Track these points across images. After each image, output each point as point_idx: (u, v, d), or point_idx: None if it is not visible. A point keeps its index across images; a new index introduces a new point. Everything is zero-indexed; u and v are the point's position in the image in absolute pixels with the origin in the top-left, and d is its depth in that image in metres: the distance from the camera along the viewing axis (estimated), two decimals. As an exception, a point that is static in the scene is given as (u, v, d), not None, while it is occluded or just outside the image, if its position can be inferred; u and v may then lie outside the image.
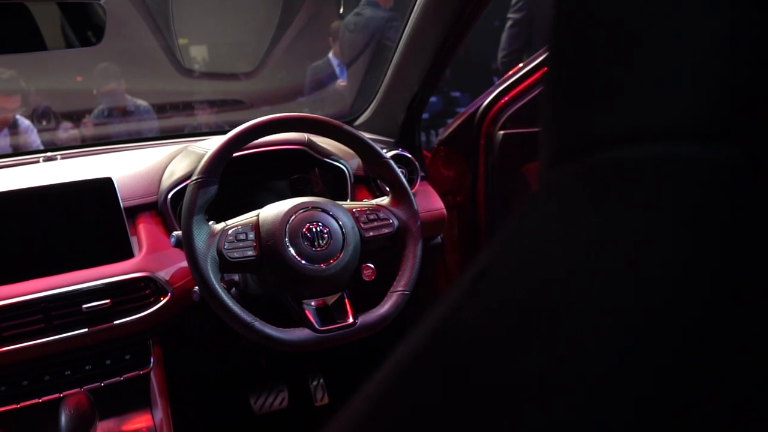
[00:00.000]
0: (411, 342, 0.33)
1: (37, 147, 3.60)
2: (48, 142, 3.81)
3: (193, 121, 4.36)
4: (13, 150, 3.53)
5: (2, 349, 1.23)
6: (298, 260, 1.22)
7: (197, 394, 1.80)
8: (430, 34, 1.49)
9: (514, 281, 0.28)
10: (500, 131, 1.80)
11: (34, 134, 3.61)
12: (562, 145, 0.32)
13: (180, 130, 4.37)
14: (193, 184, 1.22)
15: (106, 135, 3.99)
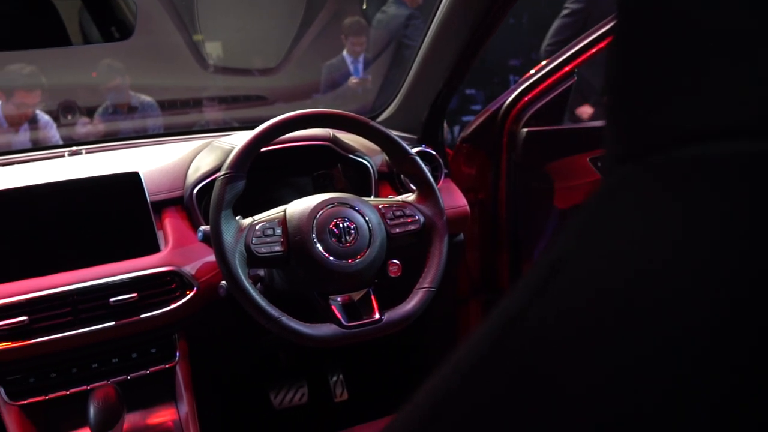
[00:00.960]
0: (478, 338, 0.33)
1: (56, 142, 3.62)
2: (66, 137, 3.83)
3: (215, 116, 4.37)
4: (33, 144, 3.56)
5: (31, 341, 1.24)
6: (325, 256, 1.22)
7: (218, 389, 1.81)
8: (457, 31, 1.49)
9: (594, 276, 0.28)
10: (524, 129, 1.79)
11: (53, 129, 3.64)
12: (638, 140, 0.32)
13: (203, 125, 4.38)
14: (221, 179, 1.22)
15: (116, 130, 4.00)
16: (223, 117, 4.38)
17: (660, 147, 0.30)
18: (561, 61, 1.77)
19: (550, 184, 1.85)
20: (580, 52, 1.74)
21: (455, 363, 0.33)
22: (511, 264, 1.95)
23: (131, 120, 4.04)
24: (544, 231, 1.92)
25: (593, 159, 1.80)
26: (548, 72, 1.78)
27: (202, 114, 4.36)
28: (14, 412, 1.27)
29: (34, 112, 3.55)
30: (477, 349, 0.31)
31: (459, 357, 0.33)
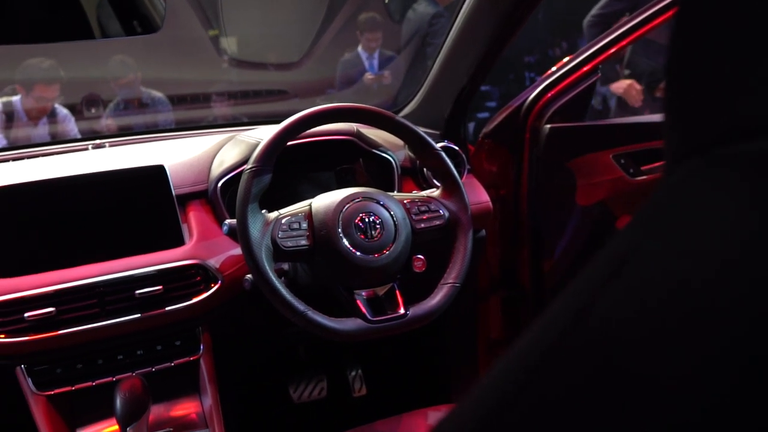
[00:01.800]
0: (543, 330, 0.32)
1: (75, 135, 3.65)
2: (88, 130, 3.85)
3: (236, 111, 4.38)
4: (52, 138, 3.58)
5: (58, 332, 1.25)
6: (351, 250, 1.22)
7: (238, 383, 1.82)
8: (483, 26, 1.48)
9: (667, 269, 0.28)
10: (546, 125, 1.78)
11: (72, 123, 3.66)
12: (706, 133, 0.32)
13: (226, 118, 4.39)
14: (247, 173, 1.23)
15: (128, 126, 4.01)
16: (245, 111, 4.39)
17: (729, 139, 0.29)
18: (585, 58, 1.76)
19: (572, 181, 1.84)
20: (604, 49, 1.73)
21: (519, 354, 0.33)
22: (531, 261, 1.94)
23: (142, 116, 4.05)
24: (566, 228, 1.91)
25: (616, 156, 1.79)
26: (571, 68, 1.77)
27: (223, 108, 4.37)
28: (41, 402, 1.28)
29: (52, 106, 3.58)
30: (544, 340, 0.31)
31: (522, 348, 0.33)
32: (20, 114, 3.56)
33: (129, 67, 4.00)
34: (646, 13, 1.68)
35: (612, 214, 1.85)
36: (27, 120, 3.55)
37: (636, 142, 1.78)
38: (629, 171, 1.79)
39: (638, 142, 1.78)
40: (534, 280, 1.96)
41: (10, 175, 1.42)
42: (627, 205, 1.83)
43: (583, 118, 1.83)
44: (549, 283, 1.94)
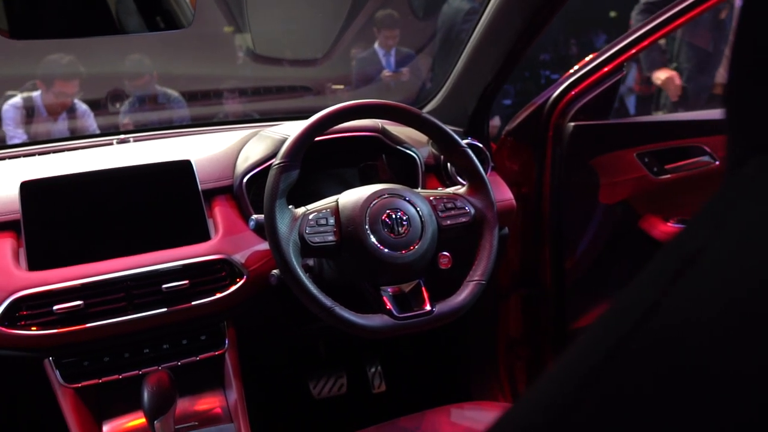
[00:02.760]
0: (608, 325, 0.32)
1: (94, 131, 3.67)
2: (107, 125, 3.87)
3: (259, 107, 4.39)
4: (72, 133, 3.60)
5: (86, 325, 1.25)
6: (378, 246, 1.22)
7: (260, 378, 1.82)
8: (510, 22, 1.48)
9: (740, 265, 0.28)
10: (570, 123, 1.78)
11: (91, 118, 3.68)
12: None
13: (247, 114, 4.40)
14: (275, 169, 1.23)
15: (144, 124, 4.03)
16: (266, 108, 4.39)
17: None
18: (609, 55, 1.74)
19: (595, 179, 1.83)
20: (629, 46, 1.72)
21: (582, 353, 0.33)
22: (552, 259, 1.94)
23: (157, 114, 4.07)
24: (588, 226, 1.90)
25: (640, 154, 1.78)
26: (596, 66, 1.76)
27: (246, 104, 4.38)
28: (69, 395, 1.29)
29: (72, 102, 3.60)
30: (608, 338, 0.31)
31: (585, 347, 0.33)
32: (40, 109, 3.59)
33: (145, 67, 4.02)
34: (669, 13, 1.66)
35: (635, 212, 1.84)
36: (47, 115, 3.58)
37: (660, 141, 1.77)
38: (653, 170, 1.78)
39: (663, 140, 1.77)
40: (555, 279, 1.95)
41: (38, 169, 1.43)
42: (650, 204, 1.82)
43: (608, 116, 1.81)
44: (570, 281, 1.94)
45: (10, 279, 1.25)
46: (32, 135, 3.59)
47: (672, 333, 0.28)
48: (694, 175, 1.75)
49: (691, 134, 1.76)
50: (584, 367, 0.31)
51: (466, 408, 1.42)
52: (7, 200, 1.33)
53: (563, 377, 0.33)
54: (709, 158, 1.74)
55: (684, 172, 1.76)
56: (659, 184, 1.78)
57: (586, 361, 0.31)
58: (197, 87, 4.28)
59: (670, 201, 1.80)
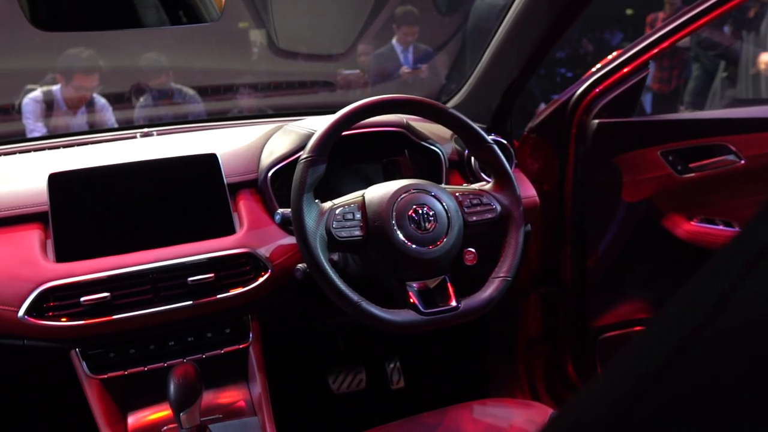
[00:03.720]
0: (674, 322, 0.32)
1: (112, 125, 3.69)
2: (121, 120, 3.89)
3: (282, 102, 4.39)
4: (90, 127, 3.62)
5: (113, 317, 1.26)
6: (404, 242, 1.22)
7: (279, 372, 1.83)
8: (538, 18, 1.47)
9: None
10: (594, 120, 1.77)
11: (109, 112, 3.70)
12: None
13: (269, 109, 4.40)
14: (303, 163, 1.23)
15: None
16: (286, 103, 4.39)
17: None
18: (635, 53, 1.74)
19: (618, 177, 1.82)
20: (653, 44, 1.71)
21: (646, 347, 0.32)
22: (573, 257, 1.93)
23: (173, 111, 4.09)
24: (610, 225, 1.89)
25: (664, 152, 1.77)
26: (620, 63, 1.75)
27: (265, 99, 4.38)
28: (95, 386, 1.30)
29: (91, 96, 3.62)
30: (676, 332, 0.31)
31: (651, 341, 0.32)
32: (60, 103, 3.61)
33: (164, 62, 4.04)
34: (696, 10, 1.65)
35: (658, 211, 1.83)
36: (66, 109, 3.60)
37: (685, 139, 1.76)
38: (677, 168, 1.76)
39: (687, 138, 1.76)
40: (576, 277, 1.94)
41: (64, 161, 1.43)
42: (674, 203, 1.81)
43: (632, 113, 1.80)
44: (591, 280, 1.93)
45: (38, 270, 1.25)
46: (52, 128, 3.61)
47: (746, 325, 0.28)
48: (719, 174, 1.74)
49: (717, 132, 1.75)
50: (652, 361, 0.31)
51: (488, 405, 1.42)
52: (34, 192, 1.34)
53: (629, 371, 0.32)
54: (734, 157, 1.72)
55: (709, 170, 1.75)
56: (683, 183, 1.76)
57: (654, 355, 0.31)
58: (218, 81, 4.29)
59: (694, 200, 1.78)
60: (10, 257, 1.27)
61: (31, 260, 1.27)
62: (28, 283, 1.24)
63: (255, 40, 5.40)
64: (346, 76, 4.43)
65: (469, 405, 1.40)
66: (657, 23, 5.38)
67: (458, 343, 2.11)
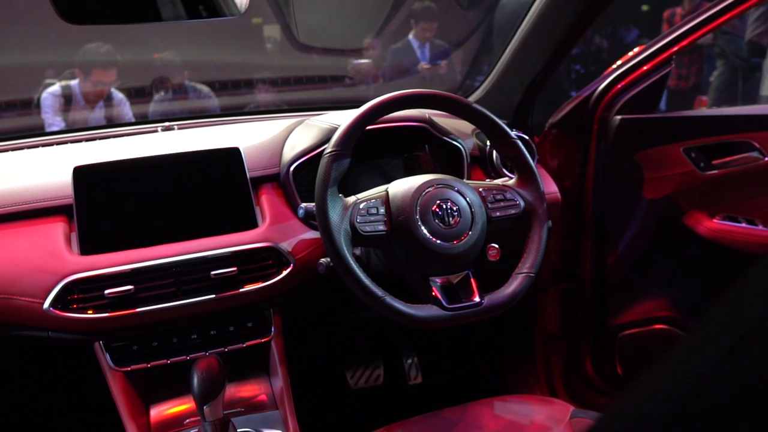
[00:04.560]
0: (715, 336, 0.31)
1: (130, 119, 3.71)
2: (138, 115, 3.91)
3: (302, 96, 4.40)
4: (108, 122, 3.64)
5: (136, 310, 1.26)
6: (429, 237, 1.22)
7: (298, 366, 1.83)
8: (563, 12, 1.46)
9: None
10: (616, 116, 1.75)
11: (127, 107, 3.72)
12: None
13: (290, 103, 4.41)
14: (327, 157, 1.23)
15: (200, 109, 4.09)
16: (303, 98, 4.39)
17: None
18: (657, 48, 1.72)
19: (640, 174, 1.81)
20: (677, 40, 1.69)
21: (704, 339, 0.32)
22: (593, 254, 1.92)
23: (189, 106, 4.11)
24: (631, 222, 1.88)
25: (687, 149, 1.75)
26: (643, 59, 1.74)
27: (284, 93, 4.39)
28: (119, 378, 1.30)
29: (109, 90, 3.64)
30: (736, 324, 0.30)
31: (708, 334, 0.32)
32: (78, 97, 3.63)
33: (176, 66, 4.07)
34: (720, 5, 1.63)
35: (680, 208, 1.82)
36: (84, 103, 3.62)
37: (708, 136, 1.74)
38: (700, 165, 1.75)
39: (711, 135, 1.74)
40: (596, 274, 1.93)
41: (88, 155, 1.44)
42: (696, 200, 1.79)
43: (654, 110, 1.79)
44: (612, 277, 1.92)
45: (63, 263, 1.26)
46: (70, 123, 3.63)
47: None
48: (743, 171, 1.72)
49: (740, 129, 1.73)
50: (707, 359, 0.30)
51: (509, 401, 1.41)
52: (59, 185, 1.35)
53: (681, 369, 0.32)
54: (758, 154, 1.71)
55: (732, 167, 1.73)
56: (706, 180, 1.75)
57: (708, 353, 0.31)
58: (236, 76, 4.31)
59: (716, 197, 1.77)
60: (35, 249, 1.28)
61: (56, 253, 1.27)
62: (53, 275, 1.24)
63: (271, 35, 5.40)
64: (356, 66, 4.43)
65: (491, 401, 1.40)
66: (675, 19, 5.33)
67: (476, 339, 2.11)
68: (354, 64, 4.41)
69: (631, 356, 1.96)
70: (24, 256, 1.27)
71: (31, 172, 1.43)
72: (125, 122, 3.16)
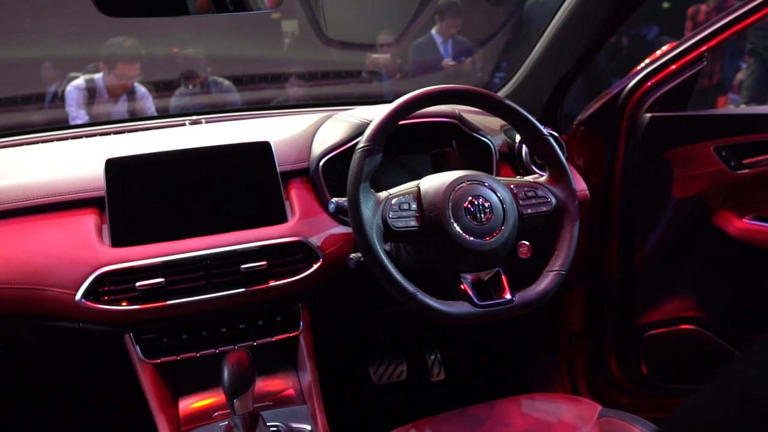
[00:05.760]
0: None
1: (152, 113, 3.72)
2: (160, 108, 3.93)
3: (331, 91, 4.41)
4: (131, 115, 3.66)
5: (167, 302, 1.27)
6: (460, 233, 1.21)
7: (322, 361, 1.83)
8: (595, 10, 1.44)
9: None
10: (646, 114, 1.74)
11: (149, 100, 3.74)
12: None
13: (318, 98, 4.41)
14: (360, 152, 1.22)
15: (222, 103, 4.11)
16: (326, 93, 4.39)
17: None
18: (689, 45, 1.70)
19: (669, 172, 1.79)
20: (711, 36, 1.67)
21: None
22: (620, 253, 1.90)
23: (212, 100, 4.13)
24: (659, 221, 1.86)
25: (717, 148, 1.73)
26: (674, 56, 1.72)
27: (311, 88, 4.39)
28: (149, 370, 1.31)
29: (132, 84, 3.66)
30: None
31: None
32: (102, 91, 3.65)
33: (198, 61, 4.09)
34: (755, 2, 1.61)
35: (709, 208, 1.80)
36: (108, 97, 3.64)
37: (740, 134, 1.72)
38: (730, 164, 1.73)
39: (742, 134, 1.72)
40: (622, 273, 1.91)
41: (119, 147, 1.45)
42: (726, 200, 1.77)
43: (685, 108, 1.77)
44: (638, 276, 1.90)
45: (95, 255, 1.27)
46: (93, 116, 3.66)
47: None
48: (774, 170, 1.70)
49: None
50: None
51: (537, 399, 1.41)
52: (90, 177, 1.35)
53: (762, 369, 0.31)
54: (790, 153, 1.69)
55: (763, 167, 1.71)
56: (736, 179, 1.73)
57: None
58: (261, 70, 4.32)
59: (747, 197, 1.74)
60: (67, 241, 1.29)
61: (88, 244, 1.28)
62: (86, 266, 1.25)
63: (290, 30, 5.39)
64: (374, 60, 4.42)
65: (517, 399, 1.39)
66: (699, 16, 5.27)
67: (499, 337, 2.10)
68: (373, 59, 4.40)
69: (657, 356, 1.94)
70: (56, 247, 1.28)
71: (63, 164, 1.44)
72: (153, 115, 3.17)
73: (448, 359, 2.07)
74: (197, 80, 3.94)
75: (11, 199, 1.32)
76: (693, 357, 1.92)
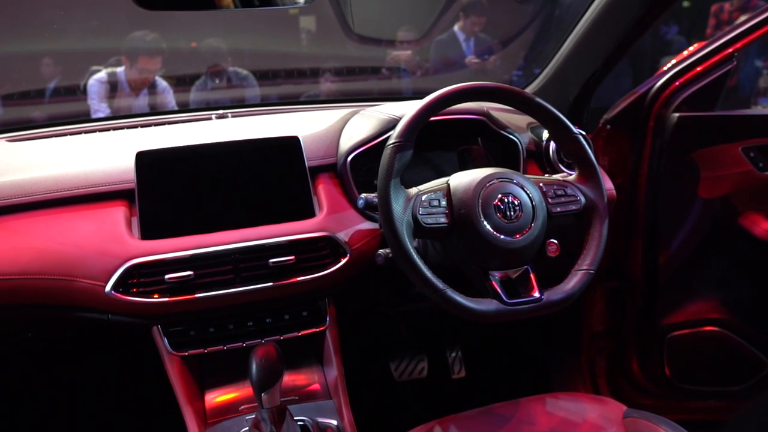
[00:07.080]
0: None
1: (173, 107, 3.74)
2: (180, 102, 3.94)
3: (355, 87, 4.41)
4: (151, 109, 3.68)
5: (195, 295, 1.27)
6: (490, 231, 1.21)
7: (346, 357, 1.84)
8: (626, 9, 1.43)
9: None
10: (674, 113, 1.72)
11: (170, 95, 3.76)
12: None
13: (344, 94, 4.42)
14: (390, 148, 1.22)
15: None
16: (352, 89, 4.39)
17: None
18: (719, 45, 1.68)
19: (696, 173, 1.78)
20: (742, 35, 1.66)
21: None
22: (644, 253, 1.89)
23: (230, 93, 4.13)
24: (685, 221, 1.85)
25: (746, 148, 1.72)
26: (704, 56, 1.70)
27: (336, 84, 4.39)
28: (176, 362, 1.32)
29: (153, 78, 3.68)
30: None
31: None
32: (123, 84, 3.68)
33: (220, 54, 4.10)
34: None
35: (735, 209, 1.78)
36: (129, 91, 3.66)
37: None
38: (758, 165, 1.71)
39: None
40: (646, 273, 1.90)
41: (148, 141, 1.45)
42: (753, 201, 1.76)
43: (713, 108, 1.75)
44: (663, 276, 1.89)
45: (124, 247, 1.27)
46: (115, 109, 3.68)
47: None
48: (803, 172, 1.68)
49: None
50: None
51: (561, 398, 1.40)
52: (120, 170, 1.36)
53: None
54: (820, 155, 1.67)
55: None
56: (764, 181, 1.71)
57: None
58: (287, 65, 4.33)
59: None
60: (98, 233, 1.29)
61: (118, 237, 1.29)
62: (115, 258, 1.26)
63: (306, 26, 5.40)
64: (396, 56, 4.41)
65: (542, 398, 1.39)
66: (722, 15, 5.23)
67: (520, 335, 2.09)
68: (394, 56, 4.39)
69: (680, 357, 1.93)
70: (87, 239, 1.29)
71: (92, 156, 1.45)
72: (180, 109, 3.18)
73: (469, 357, 2.07)
74: (224, 74, 3.95)
75: (43, 191, 1.33)
76: (717, 359, 1.91)
